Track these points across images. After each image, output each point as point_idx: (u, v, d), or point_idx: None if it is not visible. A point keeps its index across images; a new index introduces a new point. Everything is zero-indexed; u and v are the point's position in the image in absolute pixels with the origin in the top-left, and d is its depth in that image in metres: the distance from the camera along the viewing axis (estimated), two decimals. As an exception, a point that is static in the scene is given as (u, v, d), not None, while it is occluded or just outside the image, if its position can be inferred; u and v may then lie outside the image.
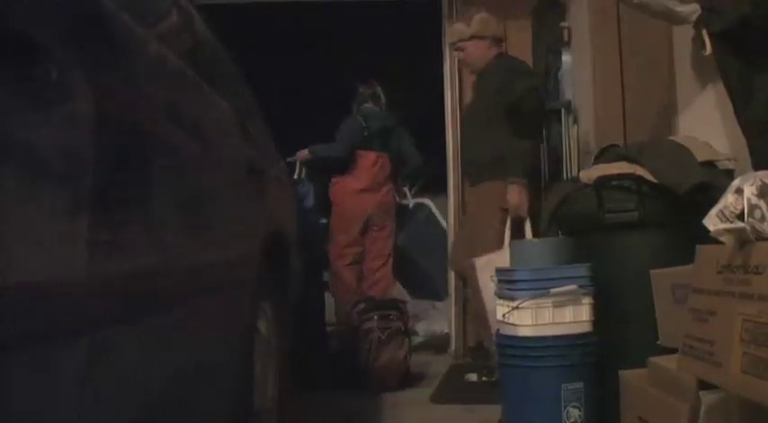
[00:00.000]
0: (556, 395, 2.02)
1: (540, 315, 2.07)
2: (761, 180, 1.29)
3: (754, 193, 1.28)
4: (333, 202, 4.32)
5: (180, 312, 1.27)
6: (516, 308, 2.07)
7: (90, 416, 0.94)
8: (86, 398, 0.93)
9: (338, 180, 4.30)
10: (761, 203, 1.27)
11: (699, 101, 2.52)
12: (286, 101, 5.02)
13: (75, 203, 0.88)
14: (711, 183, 2.02)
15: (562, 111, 3.69)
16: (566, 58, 3.74)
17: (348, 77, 4.43)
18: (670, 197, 2.13)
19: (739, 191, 1.30)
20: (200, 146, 1.44)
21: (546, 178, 3.70)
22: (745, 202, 1.28)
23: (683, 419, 1.43)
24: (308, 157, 4.29)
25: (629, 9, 2.82)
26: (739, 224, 1.28)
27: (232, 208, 1.70)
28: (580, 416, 2.03)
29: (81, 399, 0.92)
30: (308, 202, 4.17)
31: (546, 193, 3.29)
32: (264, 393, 1.98)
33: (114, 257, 0.98)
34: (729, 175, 2.04)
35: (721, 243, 1.34)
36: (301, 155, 4.29)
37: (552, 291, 2.06)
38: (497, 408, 2.27)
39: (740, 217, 1.28)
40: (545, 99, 3.52)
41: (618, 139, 2.96)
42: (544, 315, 2.07)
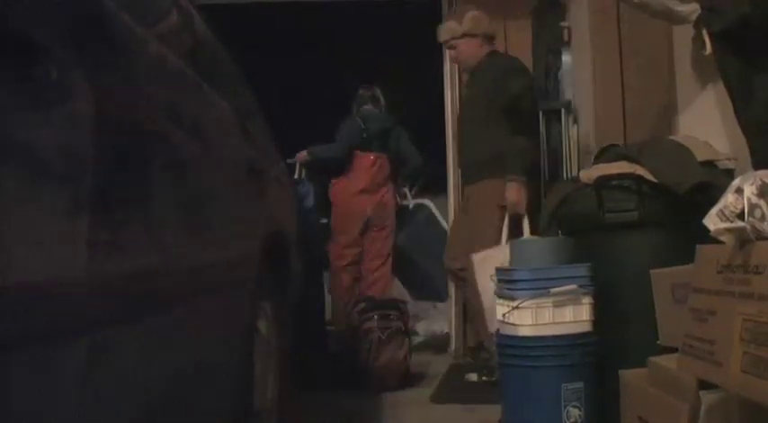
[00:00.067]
0: (556, 395, 2.02)
1: (540, 315, 2.07)
2: (761, 179, 1.29)
3: (755, 192, 1.28)
4: (333, 203, 4.32)
5: (180, 312, 1.27)
6: (516, 308, 2.07)
7: (90, 416, 0.94)
8: (86, 398, 0.93)
9: (337, 181, 4.31)
10: (761, 203, 1.27)
11: (699, 101, 2.52)
12: (286, 101, 5.02)
13: (75, 203, 0.88)
14: (711, 182, 2.02)
15: (562, 111, 3.68)
16: (566, 58, 3.74)
17: (348, 78, 4.43)
18: (670, 197, 2.13)
19: (739, 190, 1.30)
20: (200, 146, 1.44)
21: (546, 178, 3.70)
22: (746, 201, 1.28)
23: (683, 419, 1.43)
24: (306, 158, 4.30)
25: (629, 9, 2.82)
26: (739, 224, 1.28)
27: (232, 208, 1.70)
28: (580, 416, 2.03)
29: (81, 399, 0.92)
30: (308, 202, 4.17)
31: (546, 192, 3.29)
32: (264, 393, 1.98)
33: (114, 257, 0.98)
34: (729, 175, 2.04)
35: (721, 243, 1.34)
36: (300, 156, 4.30)
37: (552, 290, 2.06)
38: (497, 408, 2.27)
39: (740, 216, 1.28)
40: (538, 97, 3.53)
41: (618, 139, 2.96)
42: (544, 315, 2.07)
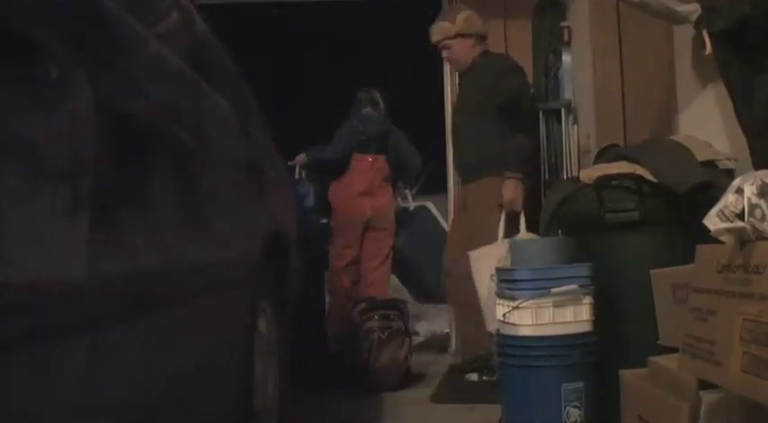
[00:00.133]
0: (556, 395, 2.02)
1: (541, 315, 2.07)
2: (761, 179, 1.28)
3: (755, 192, 1.28)
4: (333, 204, 4.33)
5: (180, 312, 1.27)
6: (516, 307, 2.07)
7: (90, 416, 0.95)
8: (86, 398, 0.93)
9: (337, 183, 4.31)
10: (761, 203, 1.27)
11: (699, 101, 2.52)
12: (286, 101, 5.02)
13: (75, 203, 0.88)
14: (712, 182, 2.02)
15: (562, 111, 3.68)
16: (566, 57, 3.73)
17: (349, 79, 4.43)
18: (670, 197, 2.13)
19: (740, 190, 1.30)
20: (200, 146, 1.44)
21: (546, 178, 3.70)
22: (746, 201, 1.28)
23: (683, 419, 1.43)
24: (305, 160, 4.31)
25: (629, 9, 2.82)
26: (739, 224, 1.27)
27: (232, 208, 1.70)
28: (580, 415, 2.03)
29: (81, 399, 0.92)
30: (308, 202, 4.18)
31: (546, 192, 3.28)
32: (264, 393, 1.97)
33: (114, 257, 0.98)
34: (730, 175, 2.04)
35: (721, 243, 1.33)
36: (300, 159, 4.31)
37: (553, 290, 2.06)
38: (497, 408, 2.26)
39: (740, 216, 1.28)
40: (536, 96, 3.52)
41: (618, 139, 2.96)
42: (544, 315, 2.07)
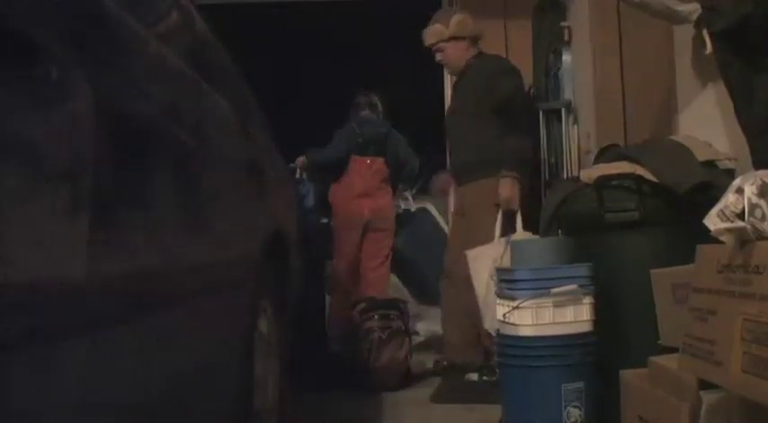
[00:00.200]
0: (556, 395, 2.02)
1: (541, 315, 2.07)
2: (761, 179, 1.28)
3: (755, 192, 1.28)
4: (332, 206, 4.33)
5: (180, 312, 1.27)
6: (517, 308, 2.07)
7: (90, 416, 0.94)
8: (86, 398, 0.93)
9: (336, 185, 4.32)
10: (761, 203, 1.27)
11: (699, 101, 2.52)
12: (286, 101, 5.02)
13: (75, 203, 0.88)
14: (712, 182, 2.02)
15: (562, 111, 3.68)
16: (566, 57, 3.74)
17: (349, 80, 4.43)
18: (670, 197, 2.13)
19: (740, 190, 1.30)
20: (200, 145, 1.44)
21: (546, 178, 3.70)
22: (746, 201, 1.28)
23: (683, 419, 1.43)
24: (305, 162, 4.31)
25: (629, 9, 2.82)
26: (740, 223, 1.27)
27: (232, 208, 1.70)
28: (580, 416, 2.03)
29: (81, 399, 0.92)
30: (308, 202, 4.18)
31: (546, 192, 3.28)
32: (264, 393, 1.97)
33: (114, 257, 0.98)
34: (730, 175, 2.04)
35: (722, 243, 1.33)
36: (300, 162, 4.32)
37: (553, 290, 2.06)
38: (497, 408, 2.27)
39: (741, 216, 1.28)
40: (535, 96, 3.52)
41: (618, 139, 2.96)
42: (544, 315, 2.07)
